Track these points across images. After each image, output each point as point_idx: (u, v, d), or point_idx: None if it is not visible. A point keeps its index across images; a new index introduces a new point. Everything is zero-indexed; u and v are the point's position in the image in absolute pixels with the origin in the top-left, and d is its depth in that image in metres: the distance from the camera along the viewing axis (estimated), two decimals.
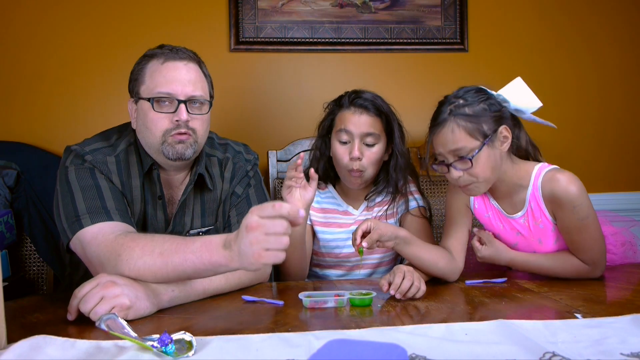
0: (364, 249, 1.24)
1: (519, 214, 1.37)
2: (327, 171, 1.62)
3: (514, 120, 1.35)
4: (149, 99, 1.24)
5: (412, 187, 1.61)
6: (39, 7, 2.08)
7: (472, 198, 1.43)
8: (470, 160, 1.26)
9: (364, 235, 1.25)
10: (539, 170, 1.33)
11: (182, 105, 1.24)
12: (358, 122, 1.50)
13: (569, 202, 1.27)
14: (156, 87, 1.24)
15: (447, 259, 1.34)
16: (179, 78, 1.25)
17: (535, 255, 1.37)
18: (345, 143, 1.51)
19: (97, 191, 1.20)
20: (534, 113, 1.35)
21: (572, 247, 1.33)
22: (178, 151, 1.25)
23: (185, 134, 1.25)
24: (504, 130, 1.29)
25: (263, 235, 0.92)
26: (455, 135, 1.26)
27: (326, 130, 1.60)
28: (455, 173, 1.29)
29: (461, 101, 1.28)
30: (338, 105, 1.57)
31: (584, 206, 1.28)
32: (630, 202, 2.33)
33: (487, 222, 1.44)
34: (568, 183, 1.28)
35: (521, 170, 1.35)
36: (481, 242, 1.40)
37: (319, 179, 1.56)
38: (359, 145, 1.49)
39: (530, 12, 2.32)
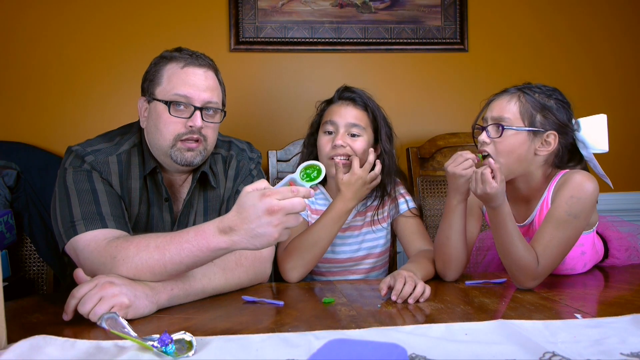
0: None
1: (527, 221, 1.35)
2: None
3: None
4: (165, 102, 1.25)
5: (402, 190, 1.60)
6: (41, 8, 2.08)
7: None
8: (503, 129, 1.25)
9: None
10: (558, 174, 1.30)
11: (198, 112, 1.25)
12: (344, 113, 1.51)
13: (570, 190, 1.23)
14: (173, 90, 1.25)
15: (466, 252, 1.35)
16: (197, 83, 1.26)
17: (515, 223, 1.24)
18: (330, 133, 1.52)
19: (93, 195, 1.19)
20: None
21: (535, 236, 1.25)
22: (187, 158, 1.27)
23: (196, 140, 1.26)
24: (551, 135, 1.27)
25: (284, 216, 0.97)
26: (509, 106, 1.28)
27: (315, 127, 1.61)
28: (484, 136, 1.29)
29: (537, 89, 1.30)
30: (328, 102, 1.59)
31: (579, 205, 1.22)
32: (630, 202, 2.32)
33: None
34: (583, 178, 1.24)
35: (548, 179, 1.32)
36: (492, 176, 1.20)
37: None
38: (342, 135, 1.50)
39: (530, 13, 2.32)
